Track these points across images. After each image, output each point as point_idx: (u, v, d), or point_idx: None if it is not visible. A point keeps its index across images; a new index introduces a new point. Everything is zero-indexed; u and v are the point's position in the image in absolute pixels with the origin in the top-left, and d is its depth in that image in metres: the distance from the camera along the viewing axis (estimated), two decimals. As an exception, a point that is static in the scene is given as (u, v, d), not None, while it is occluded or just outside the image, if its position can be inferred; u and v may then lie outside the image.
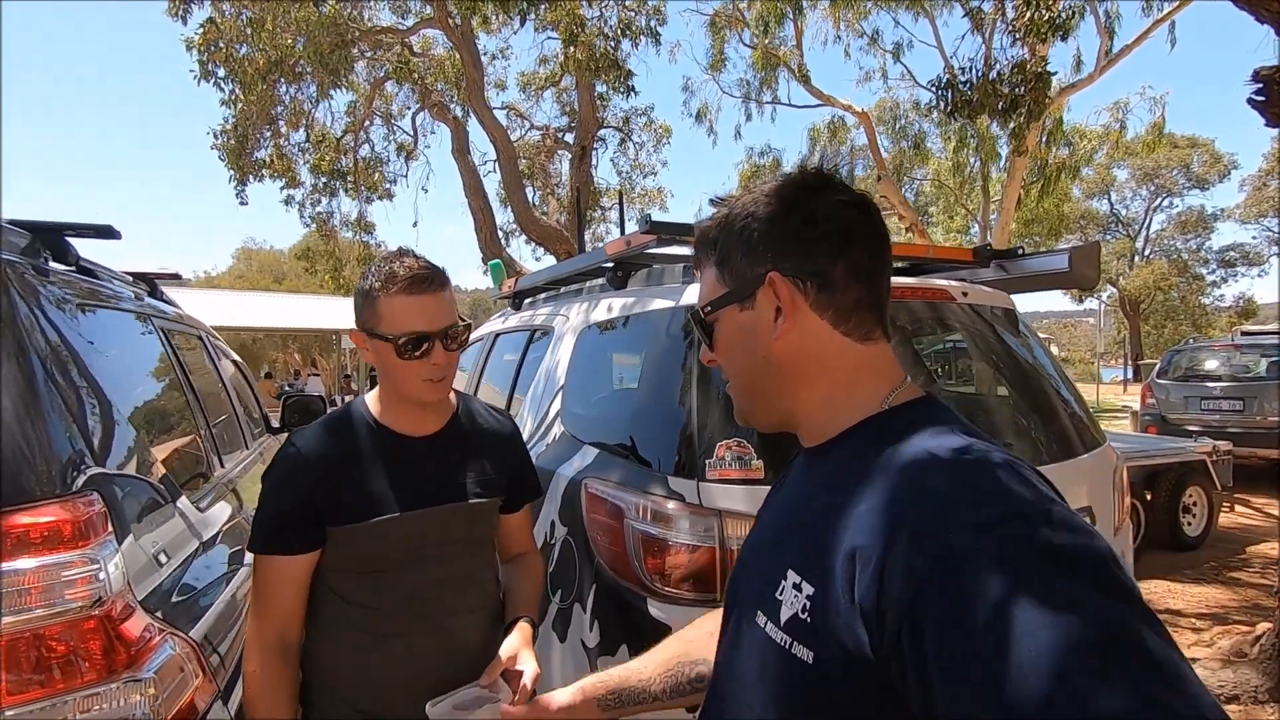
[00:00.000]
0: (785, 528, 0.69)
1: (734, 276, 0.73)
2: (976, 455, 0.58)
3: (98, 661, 1.05)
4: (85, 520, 1.12)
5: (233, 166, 10.10)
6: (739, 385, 0.77)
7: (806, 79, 12.88)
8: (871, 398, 0.69)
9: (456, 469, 1.30)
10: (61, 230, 1.76)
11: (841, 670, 0.55)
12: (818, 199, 0.70)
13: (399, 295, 1.18)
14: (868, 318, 0.70)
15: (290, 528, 1.19)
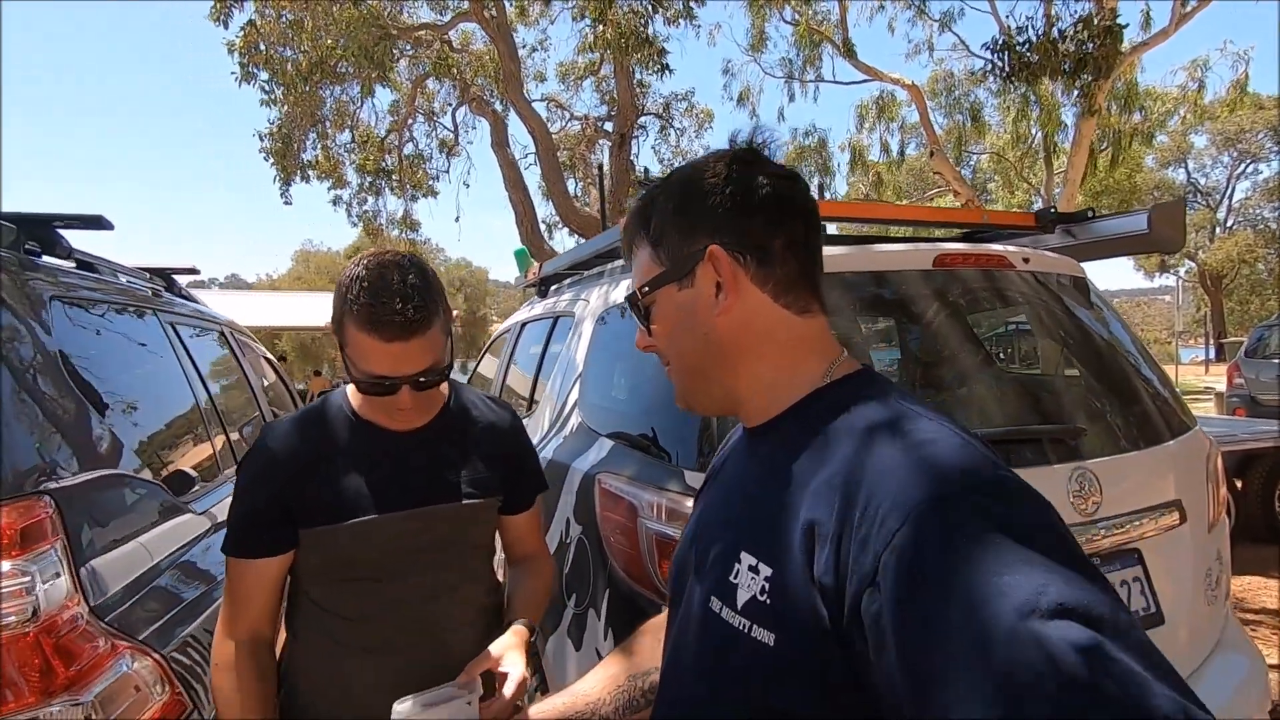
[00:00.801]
0: (733, 510, 0.68)
1: (670, 255, 0.71)
2: (925, 427, 0.57)
3: (32, 683, 0.95)
4: (26, 526, 1.02)
5: (278, 167, 10.32)
6: (680, 367, 0.74)
7: (852, 53, 12.37)
8: (813, 372, 0.68)
9: (446, 466, 1.17)
10: (50, 221, 1.69)
11: (803, 651, 0.54)
12: (751, 172, 0.69)
13: (362, 334, 1.01)
14: (805, 291, 0.69)
15: (261, 528, 1.08)
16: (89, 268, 1.88)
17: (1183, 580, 1.77)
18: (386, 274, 1.01)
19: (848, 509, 0.53)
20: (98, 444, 1.42)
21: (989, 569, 0.45)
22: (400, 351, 1.02)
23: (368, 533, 1.09)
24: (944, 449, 0.54)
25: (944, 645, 0.44)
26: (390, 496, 1.11)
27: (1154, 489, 1.80)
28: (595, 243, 2.67)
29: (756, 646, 0.57)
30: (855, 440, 0.58)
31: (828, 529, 0.53)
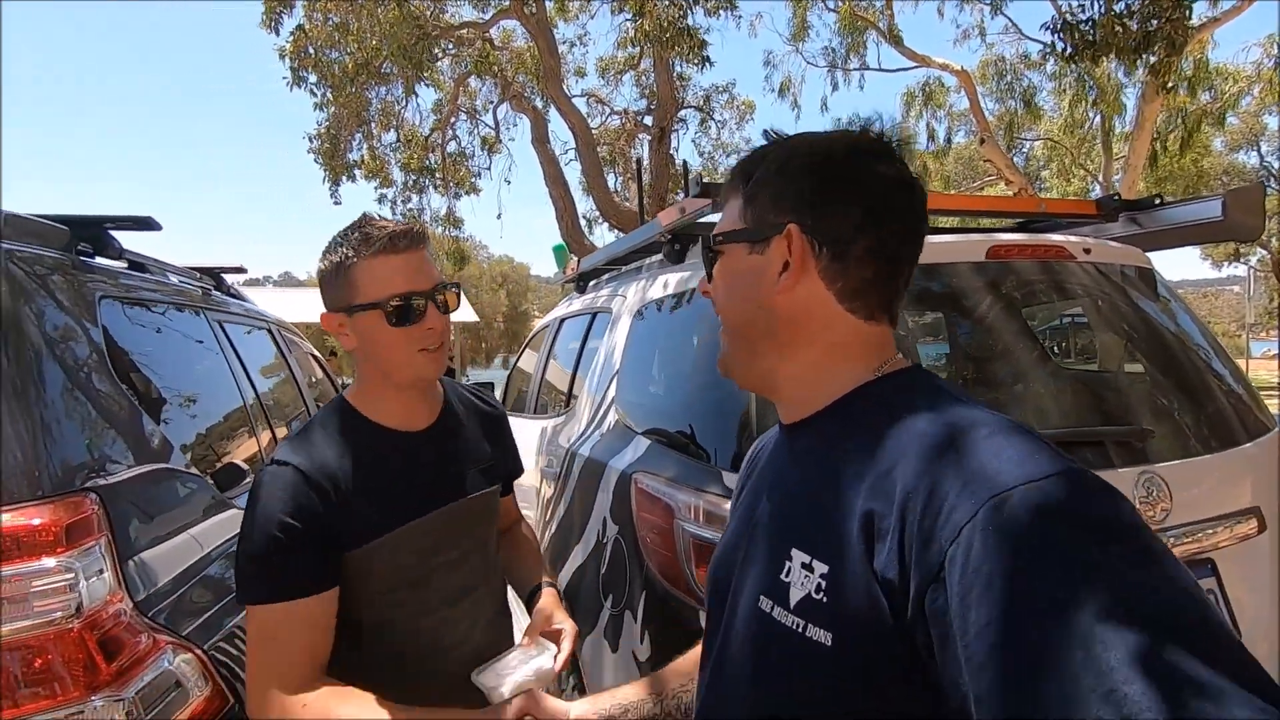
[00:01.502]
0: (778, 508, 0.66)
1: (755, 216, 0.68)
2: (988, 419, 0.55)
3: (75, 678, 0.96)
4: (72, 523, 1.04)
5: (327, 168, 10.58)
6: (728, 328, 0.72)
7: (898, 40, 12.03)
8: (861, 369, 0.66)
9: (459, 461, 1.17)
10: (101, 223, 1.74)
11: (862, 648, 0.53)
12: (866, 166, 0.65)
13: (380, 256, 1.02)
14: (876, 301, 0.66)
15: (299, 564, 0.95)
16: (139, 268, 1.93)
17: (1261, 592, 1.65)
18: (368, 217, 1.06)
19: (910, 501, 0.51)
20: (148, 440, 1.45)
21: (1064, 565, 0.43)
22: (417, 262, 1.04)
23: (404, 542, 1.05)
24: (1011, 442, 0.52)
25: (1013, 646, 0.42)
26: (416, 500, 1.09)
27: (1229, 495, 1.68)
28: (633, 237, 2.63)
29: (812, 646, 0.55)
30: (913, 433, 0.55)
31: (889, 522, 0.51)
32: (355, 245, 1.03)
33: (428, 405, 1.16)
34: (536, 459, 2.70)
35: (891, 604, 0.51)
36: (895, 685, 0.52)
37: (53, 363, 1.24)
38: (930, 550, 0.48)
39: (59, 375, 1.25)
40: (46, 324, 1.28)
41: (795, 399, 0.69)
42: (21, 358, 1.14)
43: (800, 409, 0.68)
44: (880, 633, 0.51)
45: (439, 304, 1.05)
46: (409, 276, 1.02)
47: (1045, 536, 0.45)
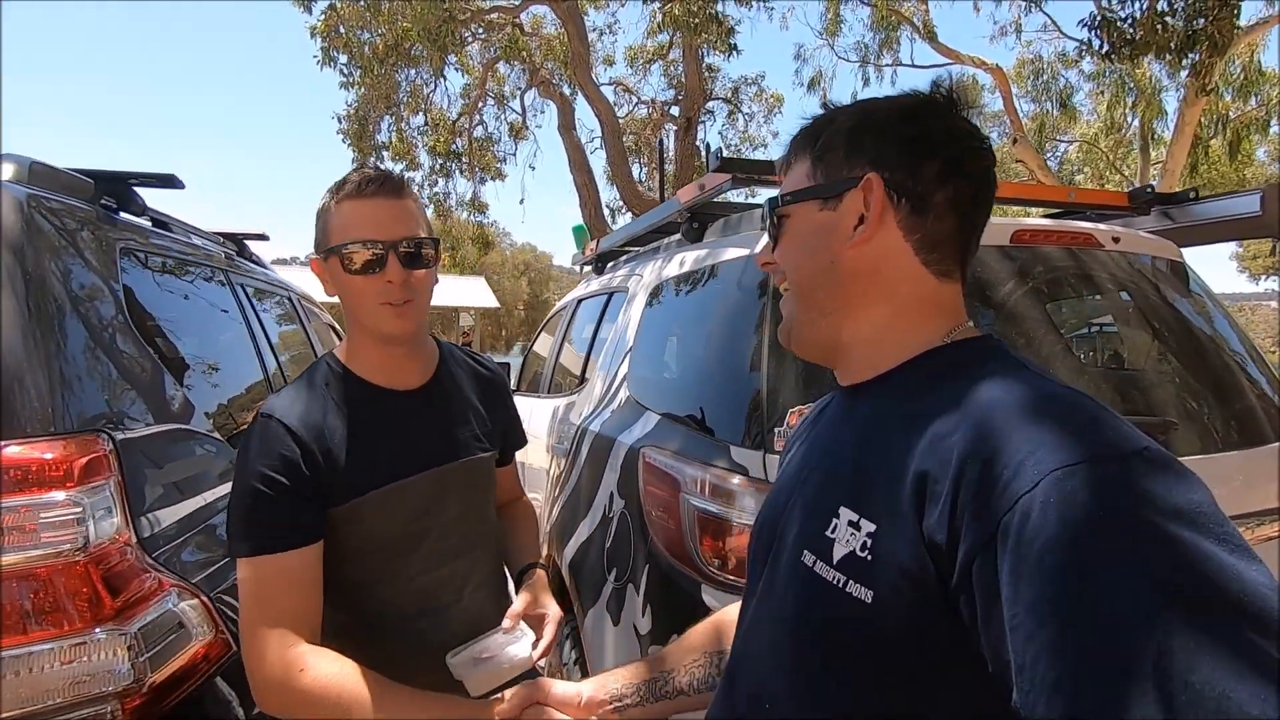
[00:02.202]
0: (830, 467, 0.65)
1: (826, 173, 0.68)
2: (1057, 392, 0.54)
3: (80, 610, 0.98)
4: (85, 461, 1.05)
5: (355, 149, 10.67)
6: (795, 289, 0.71)
7: (933, 36, 11.84)
8: (931, 333, 0.64)
9: (452, 423, 1.14)
10: (126, 179, 1.76)
11: (902, 610, 0.52)
12: (941, 120, 0.66)
13: (348, 201, 1.00)
14: (952, 254, 0.65)
15: (286, 516, 0.94)
16: (162, 226, 1.96)
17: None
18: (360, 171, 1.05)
19: (966, 466, 0.49)
20: (168, 400, 1.47)
21: (1128, 545, 0.41)
22: (384, 209, 1.00)
23: (394, 500, 1.04)
24: (1080, 414, 0.50)
25: (1064, 624, 0.41)
26: (408, 460, 1.06)
27: (1253, 495, 1.63)
28: (652, 216, 2.62)
29: (852, 603, 0.55)
30: (977, 399, 0.54)
31: (942, 486, 0.50)
32: (334, 189, 1.03)
33: (418, 364, 1.13)
34: (548, 438, 2.71)
35: (938, 568, 0.50)
36: (932, 648, 0.51)
37: (74, 312, 1.26)
38: (984, 518, 0.47)
39: (80, 325, 1.27)
40: (70, 275, 1.30)
41: (860, 361, 0.68)
42: (45, 304, 1.16)
43: (863, 371, 0.67)
44: (922, 595, 0.51)
45: (401, 256, 1.00)
46: (373, 224, 0.99)
47: (1112, 514, 0.43)
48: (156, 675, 1.03)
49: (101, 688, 0.97)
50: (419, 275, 1.03)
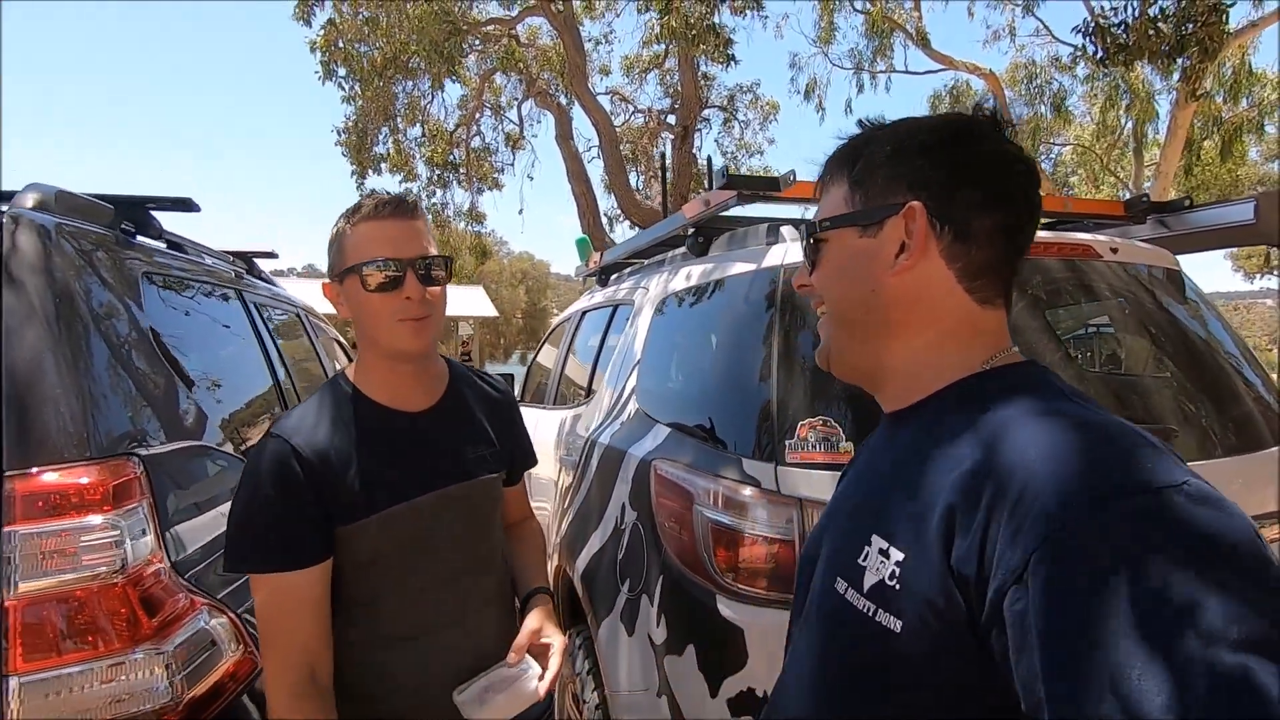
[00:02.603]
0: (866, 494, 0.65)
1: (866, 199, 0.66)
2: (1095, 420, 0.52)
3: (120, 631, 1.01)
4: (118, 484, 1.08)
5: (354, 161, 10.72)
6: (834, 316, 0.70)
7: (926, 42, 11.93)
8: (971, 359, 0.64)
9: (459, 443, 1.16)
10: (144, 203, 1.79)
11: (931, 640, 0.52)
12: (985, 144, 0.64)
13: (365, 222, 1.05)
14: (995, 282, 0.64)
15: (296, 534, 0.98)
16: (178, 248, 1.99)
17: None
18: (368, 192, 1.11)
19: (998, 498, 0.49)
20: (184, 416, 1.50)
21: (1158, 581, 0.40)
22: (400, 229, 1.05)
23: (398, 520, 1.06)
24: (1118, 445, 0.49)
25: (1094, 661, 0.40)
26: (412, 480, 1.09)
27: (1252, 498, 1.66)
28: (656, 230, 2.66)
29: (882, 632, 0.55)
30: (1010, 427, 0.53)
31: (972, 517, 0.50)
32: (349, 214, 1.08)
33: (426, 384, 1.16)
34: (555, 449, 2.74)
35: (966, 601, 0.49)
36: (960, 681, 0.51)
37: (98, 335, 1.29)
38: (1014, 552, 0.46)
39: (104, 348, 1.30)
40: (94, 298, 1.33)
41: (898, 388, 0.67)
42: (73, 328, 1.19)
43: (902, 398, 0.67)
44: (950, 627, 0.50)
45: (419, 274, 1.05)
46: (390, 243, 1.04)
47: (1144, 549, 0.42)
48: (192, 692, 1.06)
49: (141, 706, 1.00)
50: (434, 292, 1.07)
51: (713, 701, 1.43)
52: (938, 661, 0.51)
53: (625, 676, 1.73)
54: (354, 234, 1.06)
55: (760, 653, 1.39)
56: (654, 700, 1.60)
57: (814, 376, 1.55)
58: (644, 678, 1.66)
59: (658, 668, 1.61)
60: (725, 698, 1.41)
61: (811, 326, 1.59)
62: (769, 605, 1.40)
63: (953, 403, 0.62)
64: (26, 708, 0.93)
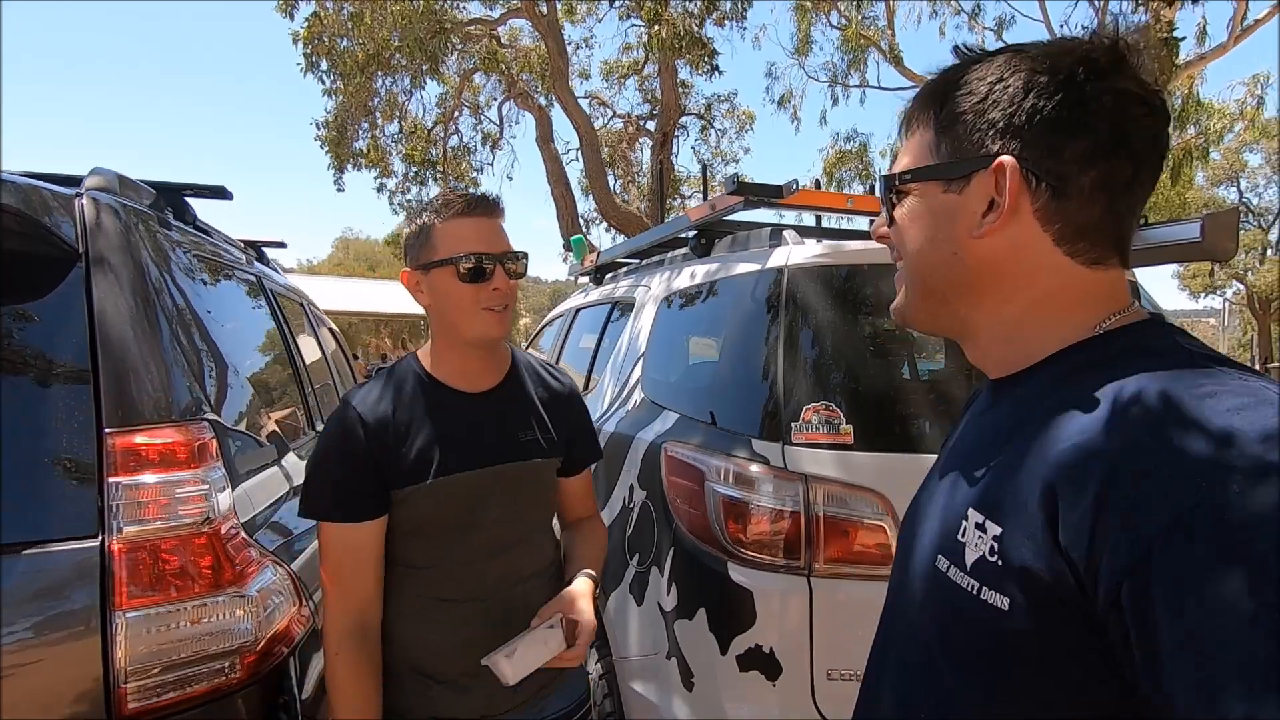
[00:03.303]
0: (965, 466, 0.60)
1: (952, 149, 0.59)
2: (1233, 386, 0.45)
3: (207, 575, 1.11)
4: (199, 445, 1.18)
5: (333, 155, 10.66)
6: (910, 275, 0.64)
7: (899, 60, 12.34)
8: (1081, 322, 0.57)
9: (514, 426, 1.24)
10: (181, 190, 1.87)
11: (1042, 620, 0.48)
12: (1100, 84, 0.54)
13: (456, 219, 1.15)
14: (1105, 241, 0.57)
15: (362, 491, 1.11)
16: (206, 234, 2.07)
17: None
18: (448, 189, 1.21)
19: (1113, 476, 0.44)
20: (230, 399, 1.59)
21: None
22: (491, 229, 1.16)
23: (448, 490, 1.15)
24: (1259, 416, 0.43)
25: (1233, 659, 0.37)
26: (465, 455, 1.17)
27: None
28: (655, 232, 2.81)
29: (989, 610, 0.51)
30: (1124, 399, 0.48)
31: (1082, 496, 0.45)
32: (437, 209, 1.18)
33: (490, 368, 1.24)
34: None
35: (1076, 580, 0.46)
36: (1075, 662, 0.47)
37: (162, 311, 1.38)
38: (1133, 535, 0.42)
39: (166, 323, 1.39)
40: (157, 276, 1.42)
41: (995, 354, 0.62)
42: (149, 301, 1.29)
43: (1003, 365, 0.62)
44: (1060, 606, 0.47)
45: (507, 269, 1.16)
46: (481, 239, 1.15)
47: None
48: (269, 634, 1.17)
49: (227, 644, 1.10)
50: (514, 285, 1.19)
51: (722, 658, 1.58)
52: (1052, 644, 0.48)
53: (635, 643, 1.87)
54: (444, 228, 1.15)
55: (767, 612, 1.54)
56: (663, 662, 1.74)
57: (816, 366, 1.71)
58: (654, 643, 1.79)
59: (667, 632, 1.74)
60: (735, 654, 1.56)
61: (812, 322, 1.76)
62: (780, 571, 1.55)
63: (1062, 372, 0.56)
64: (130, 641, 1.02)
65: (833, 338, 1.75)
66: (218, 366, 1.60)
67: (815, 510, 1.54)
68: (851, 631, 1.54)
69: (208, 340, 1.62)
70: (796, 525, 1.55)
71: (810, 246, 1.85)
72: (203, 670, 1.09)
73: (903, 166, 0.64)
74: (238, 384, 1.71)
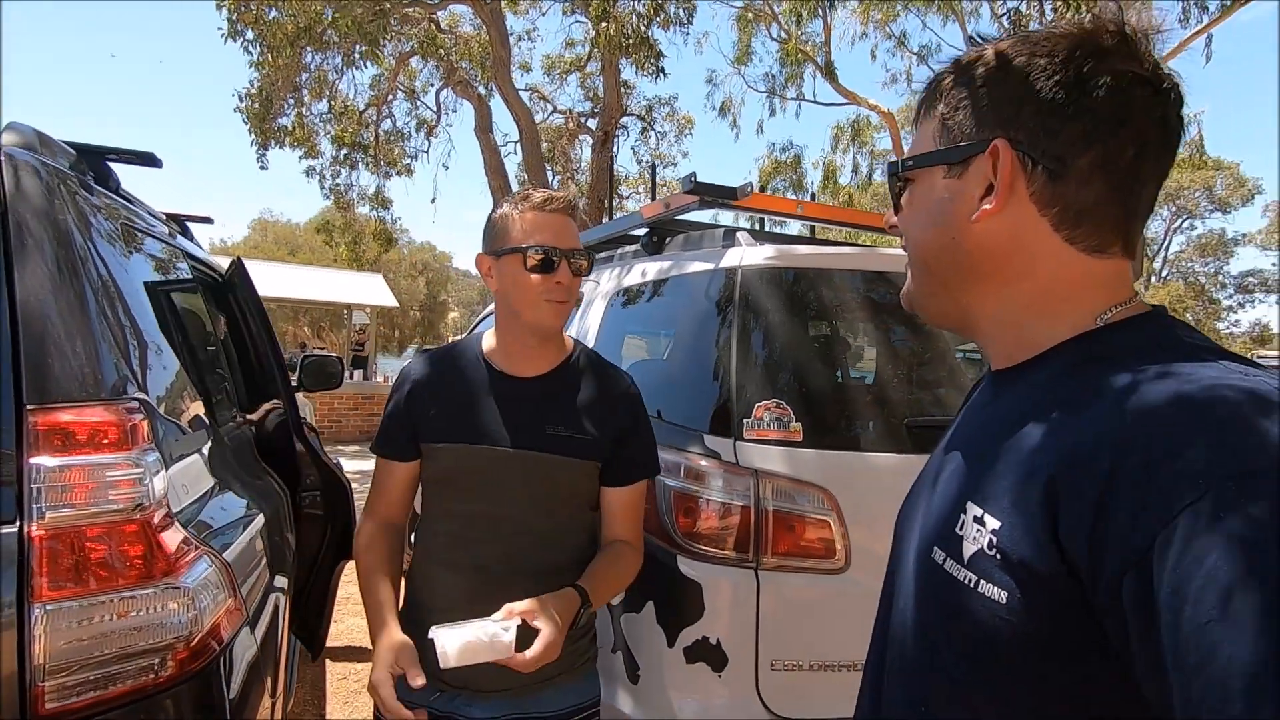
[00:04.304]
0: (963, 459, 0.60)
1: (953, 135, 0.60)
2: (1238, 381, 0.45)
3: (137, 566, 1.03)
4: (130, 426, 1.10)
5: (255, 131, 10.10)
6: (915, 260, 0.65)
7: (833, 76, 12.78)
8: (1082, 313, 0.57)
9: (552, 418, 1.25)
10: (104, 154, 1.74)
11: (1041, 614, 0.48)
12: (1101, 64, 0.54)
13: (531, 211, 1.24)
14: (1104, 227, 0.56)
15: (392, 435, 1.32)
16: (130, 204, 1.92)
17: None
18: (528, 185, 1.27)
19: (1112, 468, 0.44)
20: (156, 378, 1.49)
21: None
22: (561, 223, 1.24)
23: (458, 456, 1.25)
24: (1266, 411, 0.42)
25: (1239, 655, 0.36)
26: (494, 431, 1.25)
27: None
28: (608, 228, 2.81)
29: (987, 602, 0.51)
30: (1126, 392, 0.48)
31: (1081, 488, 0.45)
32: (515, 202, 1.26)
33: (542, 357, 1.30)
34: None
35: (1073, 574, 0.46)
36: (1074, 656, 0.47)
37: (88, 281, 1.28)
38: (1136, 530, 0.42)
39: (92, 294, 1.28)
40: (81, 244, 1.31)
41: (997, 344, 0.62)
42: (75, 271, 1.19)
43: (1005, 355, 0.61)
44: (1059, 599, 0.47)
45: (572, 265, 1.24)
46: (552, 233, 1.23)
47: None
48: (202, 629, 1.10)
49: (158, 638, 1.03)
50: (577, 281, 1.26)
51: (670, 651, 1.59)
52: (1051, 637, 0.48)
53: (580, 636, 1.86)
54: (521, 220, 1.24)
55: (715, 605, 1.57)
56: (608, 655, 1.74)
57: (768, 364, 1.75)
58: (599, 635, 1.79)
59: (613, 625, 1.75)
60: (682, 646, 1.58)
61: (764, 323, 1.80)
62: (725, 564, 1.58)
63: (1064, 365, 0.56)
64: (50, 635, 0.94)
65: (782, 338, 1.80)
66: (145, 344, 1.49)
67: (765, 505, 1.58)
68: (795, 624, 1.59)
69: (133, 316, 1.50)
70: (746, 519, 1.58)
71: (763, 249, 1.90)
72: (129, 668, 1.01)
73: (910, 154, 0.65)
74: (166, 363, 1.60)
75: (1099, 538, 0.44)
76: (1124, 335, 0.55)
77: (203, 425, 1.70)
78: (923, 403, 1.88)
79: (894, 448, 1.67)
